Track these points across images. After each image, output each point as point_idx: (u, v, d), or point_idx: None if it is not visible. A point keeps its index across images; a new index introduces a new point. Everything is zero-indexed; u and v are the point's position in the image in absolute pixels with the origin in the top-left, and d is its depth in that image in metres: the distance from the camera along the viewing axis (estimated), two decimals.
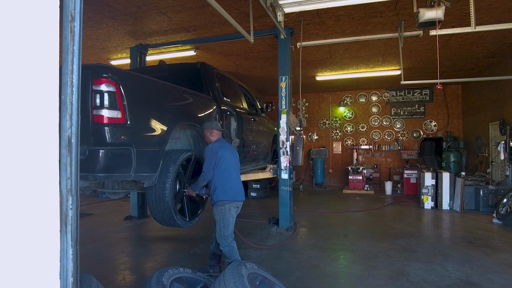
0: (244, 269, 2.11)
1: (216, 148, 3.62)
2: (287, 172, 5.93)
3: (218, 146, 3.64)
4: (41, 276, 0.88)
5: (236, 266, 2.10)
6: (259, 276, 2.27)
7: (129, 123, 2.82)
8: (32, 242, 0.87)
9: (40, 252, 0.88)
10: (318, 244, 5.10)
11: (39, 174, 0.89)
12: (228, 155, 3.68)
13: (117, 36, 6.99)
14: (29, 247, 0.87)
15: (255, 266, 2.32)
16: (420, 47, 7.67)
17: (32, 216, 0.87)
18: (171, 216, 3.42)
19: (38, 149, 0.88)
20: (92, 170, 2.63)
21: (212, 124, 3.82)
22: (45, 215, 0.89)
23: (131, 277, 3.87)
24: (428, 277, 3.74)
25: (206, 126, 3.81)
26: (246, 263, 2.21)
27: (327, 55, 8.33)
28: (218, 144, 3.69)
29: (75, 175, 0.95)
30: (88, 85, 2.66)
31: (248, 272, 2.13)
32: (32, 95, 0.88)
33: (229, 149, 3.77)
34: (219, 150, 3.61)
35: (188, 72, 4.80)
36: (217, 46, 7.57)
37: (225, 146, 3.75)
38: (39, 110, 0.88)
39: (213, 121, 3.93)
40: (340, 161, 13.07)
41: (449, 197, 7.92)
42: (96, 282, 2.13)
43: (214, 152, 3.60)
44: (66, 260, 0.92)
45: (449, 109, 11.93)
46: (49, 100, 0.90)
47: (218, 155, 3.60)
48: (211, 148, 3.64)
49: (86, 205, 8.63)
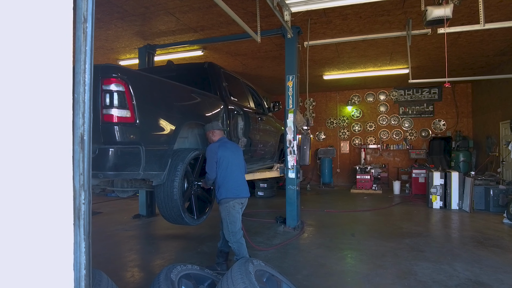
0: (251, 266, 2.13)
1: (215, 148, 3.67)
2: (294, 171, 5.94)
3: (217, 146, 3.69)
4: (56, 267, 0.92)
5: (243, 263, 2.13)
6: (266, 273, 2.29)
7: (138, 122, 2.87)
8: (48, 235, 0.90)
9: (55, 244, 0.91)
10: (325, 243, 5.10)
11: (54, 170, 0.92)
12: (229, 154, 3.71)
13: (126, 37, 7.07)
14: (44, 240, 0.90)
15: (262, 264, 2.35)
16: (429, 46, 7.61)
17: (48, 210, 0.91)
18: (179, 214, 3.46)
19: (53, 146, 0.92)
20: (102, 168, 2.68)
21: (212, 125, 3.86)
22: (59, 209, 0.92)
23: (139, 274, 3.92)
24: (436, 277, 3.71)
25: (207, 128, 3.86)
26: (253, 260, 2.24)
27: (334, 54, 8.31)
28: (217, 144, 3.74)
29: (88, 171, 0.99)
30: (98, 85, 2.71)
31: (255, 269, 2.15)
32: (47, 94, 0.91)
33: (229, 148, 3.79)
34: (218, 150, 3.66)
35: (196, 72, 4.85)
36: (224, 46, 7.61)
37: (225, 145, 3.78)
38: (54, 108, 0.92)
39: (214, 122, 3.95)
40: (348, 161, 13.01)
41: (458, 196, 7.85)
42: (106, 278, 2.18)
43: (214, 152, 3.66)
44: (79, 253, 0.96)
45: (458, 108, 11.79)
46: (63, 98, 0.93)
47: (217, 155, 3.65)
48: (211, 149, 3.70)
49: (96, 203, 8.74)
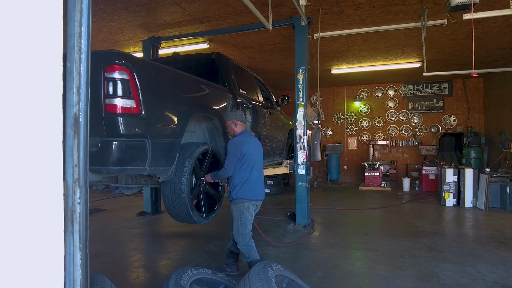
0: (271, 271, 1.91)
1: (240, 144, 3.37)
2: (304, 167, 5.71)
3: (243, 141, 3.39)
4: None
5: (262, 268, 1.91)
6: (286, 278, 2.07)
7: (144, 113, 2.65)
8: (30, 247, 0.67)
9: (40, 259, 0.68)
10: (338, 242, 4.88)
11: (38, 160, 0.70)
12: (253, 151, 3.43)
13: (130, 29, 6.85)
14: (26, 253, 0.67)
15: (281, 268, 2.12)
16: (443, 37, 7.32)
17: (30, 214, 0.68)
18: (187, 212, 3.25)
19: (38, 129, 0.69)
20: (105, 163, 2.47)
21: (236, 114, 3.54)
22: (46, 211, 0.69)
23: (145, 276, 3.72)
24: (461, 280, 3.48)
25: (230, 117, 3.53)
26: (272, 264, 2.02)
27: (344, 47, 8.04)
28: (242, 138, 3.43)
29: (84, 162, 0.76)
30: (100, 73, 2.50)
31: (274, 274, 1.93)
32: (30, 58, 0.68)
33: (254, 144, 3.50)
34: (243, 146, 3.37)
35: (203, 63, 4.62)
36: (231, 38, 7.37)
37: (250, 141, 3.48)
38: (38, 78, 0.69)
39: (238, 111, 3.60)
40: (356, 157, 12.74)
41: (472, 194, 7.58)
42: (110, 284, 1.97)
43: (238, 147, 3.36)
44: (73, 267, 0.73)
45: (470, 103, 11.47)
46: (51, 66, 0.70)
47: (242, 151, 3.36)
48: (235, 143, 3.39)
49: (99, 200, 8.57)
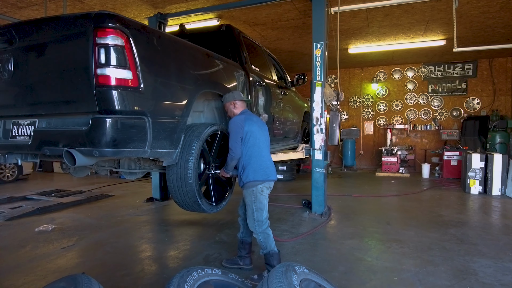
0: (295, 276, 1.55)
1: (241, 121, 3.06)
2: (321, 152, 5.30)
3: (244, 119, 3.08)
4: None
5: (283, 272, 1.55)
6: (312, 282, 1.71)
7: (142, 86, 2.28)
8: None
9: None
10: (358, 232, 4.51)
11: None
12: (256, 129, 3.11)
13: (135, 5, 6.43)
14: None
15: (305, 270, 1.76)
16: (473, 11, 6.68)
17: None
18: (195, 200, 2.91)
19: None
20: (97, 144, 2.12)
21: (234, 95, 3.24)
22: None
23: (150, 269, 3.43)
24: (503, 278, 3.08)
25: (227, 98, 3.24)
26: (295, 266, 1.66)
27: (363, 23, 7.47)
28: (243, 116, 3.13)
29: None
30: (90, 38, 2.12)
31: (299, 279, 1.58)
32: None
33: (256, 122, 3.18)
34: (245, 123, 3.05)
35: (212, 36, 4.21)
36: (242, 14, 6.88)
37: (252, 118, 3.17)
38: None
39: (235, 92, 3.33)
40: (372, 142, 12.22)
41: (500, 181, 7.08)
42: (98, 284, 1.64)
43: (239, 126, 3.04)
44: None
45: (496, 85, 10.77)
46: None
47: (244, 129, 3.04)
48: (236, 122, 3.08)
49: (108, 186, 8.37)
